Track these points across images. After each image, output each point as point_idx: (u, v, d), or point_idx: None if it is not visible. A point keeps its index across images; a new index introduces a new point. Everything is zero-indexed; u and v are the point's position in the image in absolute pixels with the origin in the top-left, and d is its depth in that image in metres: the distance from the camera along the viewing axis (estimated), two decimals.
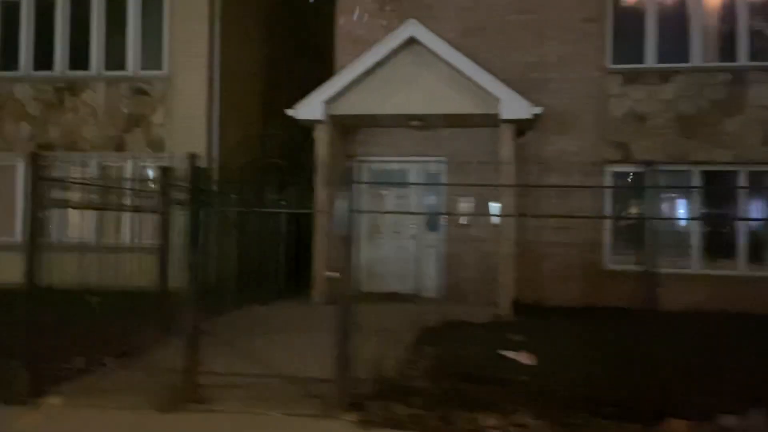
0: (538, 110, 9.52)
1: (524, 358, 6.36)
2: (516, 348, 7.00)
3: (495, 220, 10.41)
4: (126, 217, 11.45)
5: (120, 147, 12.50)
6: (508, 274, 9.89)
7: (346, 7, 11.66)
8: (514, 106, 9.50)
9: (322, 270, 10.18)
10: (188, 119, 12.32)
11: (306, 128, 10.77)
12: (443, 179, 11.15)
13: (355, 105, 10.15)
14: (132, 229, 11.94)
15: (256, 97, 14.47)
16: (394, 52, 9.97)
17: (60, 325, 6.08)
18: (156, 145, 12.41)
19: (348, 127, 11.14)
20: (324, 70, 11.70)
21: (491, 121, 10.28)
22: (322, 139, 10.28)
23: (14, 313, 5.50)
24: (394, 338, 6.92)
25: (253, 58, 14.21)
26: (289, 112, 10.15)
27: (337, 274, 4.97)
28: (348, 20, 11.61)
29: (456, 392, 4.87)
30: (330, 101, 10.05)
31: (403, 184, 11.09)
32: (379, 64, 9.96)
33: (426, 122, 10.62)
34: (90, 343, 6.37)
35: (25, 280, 5.44)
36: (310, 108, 10.01)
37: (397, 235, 11.54)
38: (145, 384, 5.36)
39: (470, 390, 4.95)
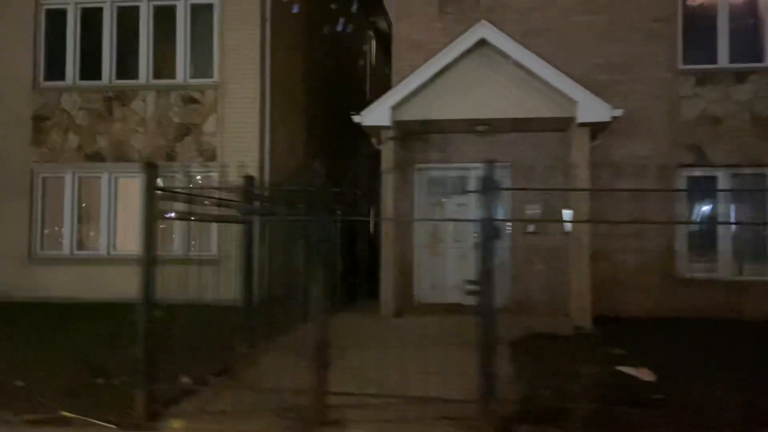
0: (618, 113, 9.18)
1: (645, 374, 5.99)
2: (622, 362, 6.65)
3: (566, 227, 10.05)
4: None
5: (170, 157, 12.22)
6: (585, 283, 9.51)
7: (403, 13, 11.37)
8: (593, 109, 9.16)
9: (391, 280, 9.84)
10: (240, 127, 12.04)
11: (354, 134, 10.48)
12: (506, 185, 10.80)
13: (423, 110, 9.84)
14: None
15: (302, 103, 14.22)
16: (463, 56, 9.65)
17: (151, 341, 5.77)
18: (207, 155, 12.13)
19: (407, 134, 10.83)
20: (375, 76, 11.46)
21: (561, 124, 9.97)
22: (389, 145, 9.96)
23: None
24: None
25: (299, 63, 13.97)
26: (355, 118, 9.84)
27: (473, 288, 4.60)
28: (406, 25, 11.32)
29: (609, 414, 4.50)
30: (396, 107, 9.74)
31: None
32: (446, 68, 9.64)
33: (492, 127, 10.30)
34: (185, 360, 6.04)
35: (140, 295, 5.12)
36: (377, 114, 9.70)
37: (459, 244, 11.19)
38: (261, 405, 5.02)
39: (621, 412, 4.58)
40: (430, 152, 11.17)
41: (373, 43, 20.32)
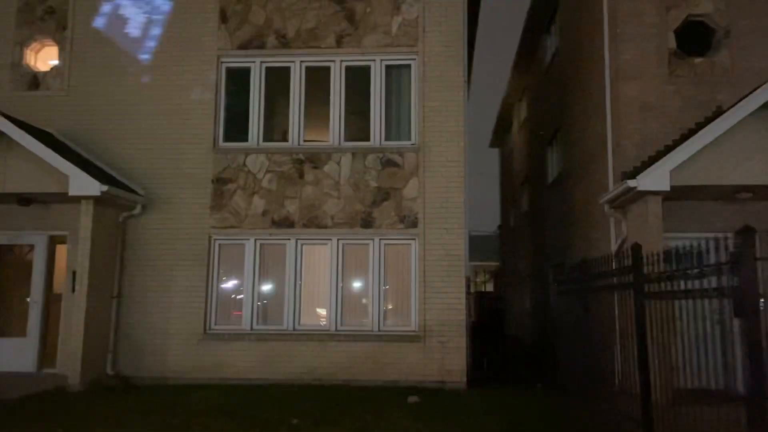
0: None
1: None
2: None
3: None
4: None
5: (367, 223, 11.31)
6: None
7: (627, 74, 10.86)
8: None
9: None
10: (444, 192, 11.24)
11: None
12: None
13: (696, 175, 9.15)
14: None
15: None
16: (744, 120, 9.05)
17: None
18: (409, 221, 11.24)
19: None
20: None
21: None
22: (655, 211, 9.20)
23: None
24: None
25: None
26: (630, 182, 9.10)
27: None
28: (633, 87, 10.79)
29: None
30: (673, 171, 9.04)
31: None
32: (728, 131, 9.02)
33: (755, 194, 9.62)
34: None
35: None
36: (655, 178, 8.97)
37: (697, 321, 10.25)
38: None
39: None
40: (669, 221, 10.39)
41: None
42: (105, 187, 10.22)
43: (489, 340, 18.34)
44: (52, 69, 12.11)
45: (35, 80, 12.10)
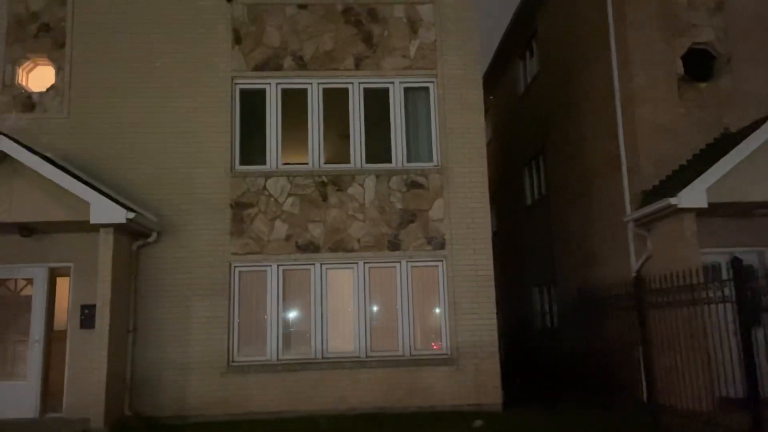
0: None
1: None
2: None
3: None
4: None
5: (394, 246, 11.17)
6: None
7: (642, 98, 11.38)
8: None
9: None
10: (470, 213, 11.31)
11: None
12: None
13: (727, 192, 9.66)
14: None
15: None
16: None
17: None
18: (436, 242, 11.20)
19: None
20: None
21: None
22: (692, 228, 9.63)
23: None
24: None
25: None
26: (672, 200, 9.46)
27: None
28: (648, 110, 11.31)
29: None
30: (708, 189, 9.50)
31: None
32: (756, 150, 9.61)
33: None
34: None
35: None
36: (694, 195, 9.39)
37: None
38: None
39: None
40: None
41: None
42: (131, 214, 9.60)
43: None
44: (49, 89, 11.32)
45: (30, 101, 11.27)
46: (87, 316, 10.46)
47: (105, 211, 9.57)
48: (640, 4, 11.62)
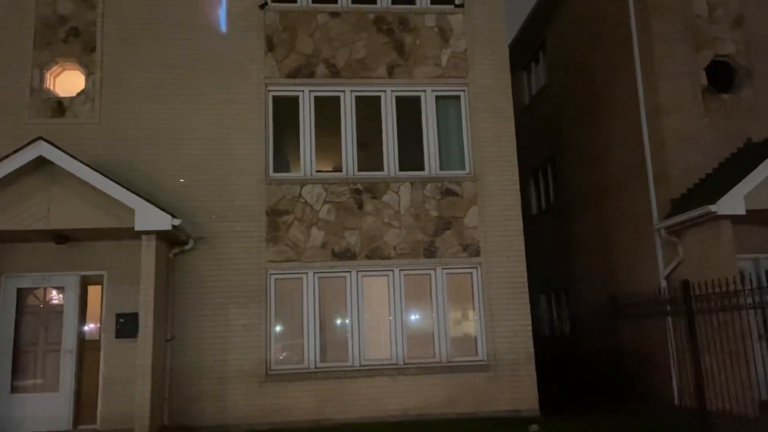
0: None
1: None
2: None
3: None
4: None
5: (430, 253, 11.23)
6: None
7: (669, 109, 11.69)
8: None
9: None
10: (504, 221, 11.44)
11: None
12: None
13: (760, 200, 9.97)
14: None
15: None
16: None
17: None
18: (472, 250, 11.30)
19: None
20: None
21: None
22: (728, 234, 9.91)
23: None
24: None
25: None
26: (712, 207, 9.73)
27: None
28: (675, 120, 11.62)
29: None
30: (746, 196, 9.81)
31: None
32: None
33: None
34: None
35: None
36: (733, 202, 9.68)
37: None
38: None
39: None
40: None
41: None
42: (177, 221, 9.50)
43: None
44: (79, 94, 11.11)
45: (60, 107, 11.05)
46: (123, 325, 10.26)
47: (150, 218, 9.43)
48: (665, 18, 11.97)
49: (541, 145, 17.65)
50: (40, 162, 9.60)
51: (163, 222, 9.43)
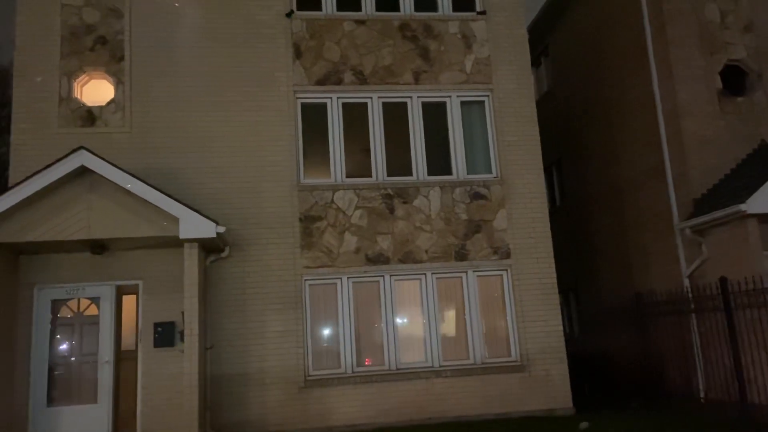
0: None
1: None
2: None
3: None
4: None
5: (461, 256, 11.40)
6: None
7: (686, 111, 12.06)
8: None
9: None
10: (530, 224, 11.68)
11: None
12: None
13: None
14: None
15: None
16: None
17: None
18: (502, 252, 11.50)
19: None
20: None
21: None
22: (755, 232, 10.26)
23: None
24: None
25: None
26: (742, 206, 10.07)
27: None
28: (692, 123, 11.99)
29: None
30: None
31: None
32: None
33: None
34: None
35: None
36: (762, 201, 10.03)
37: None
38: None
39: None
40: None
41: None
42: (222, 228, 9.52)
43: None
44: (109, 103, 11.06)
45: (90, 116, 10.98)
46: (161, 335, 10.22)
47: (194, 226, 9.44)
48: (679, 24, 12.35)
49: (546, 149, 17.91)
50: (79, 172, 9.55)
51: (208, 230, 9.44)
